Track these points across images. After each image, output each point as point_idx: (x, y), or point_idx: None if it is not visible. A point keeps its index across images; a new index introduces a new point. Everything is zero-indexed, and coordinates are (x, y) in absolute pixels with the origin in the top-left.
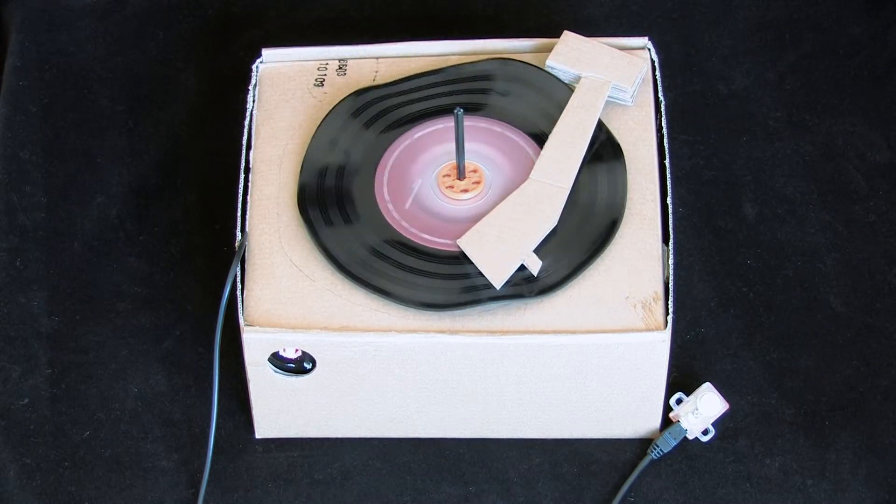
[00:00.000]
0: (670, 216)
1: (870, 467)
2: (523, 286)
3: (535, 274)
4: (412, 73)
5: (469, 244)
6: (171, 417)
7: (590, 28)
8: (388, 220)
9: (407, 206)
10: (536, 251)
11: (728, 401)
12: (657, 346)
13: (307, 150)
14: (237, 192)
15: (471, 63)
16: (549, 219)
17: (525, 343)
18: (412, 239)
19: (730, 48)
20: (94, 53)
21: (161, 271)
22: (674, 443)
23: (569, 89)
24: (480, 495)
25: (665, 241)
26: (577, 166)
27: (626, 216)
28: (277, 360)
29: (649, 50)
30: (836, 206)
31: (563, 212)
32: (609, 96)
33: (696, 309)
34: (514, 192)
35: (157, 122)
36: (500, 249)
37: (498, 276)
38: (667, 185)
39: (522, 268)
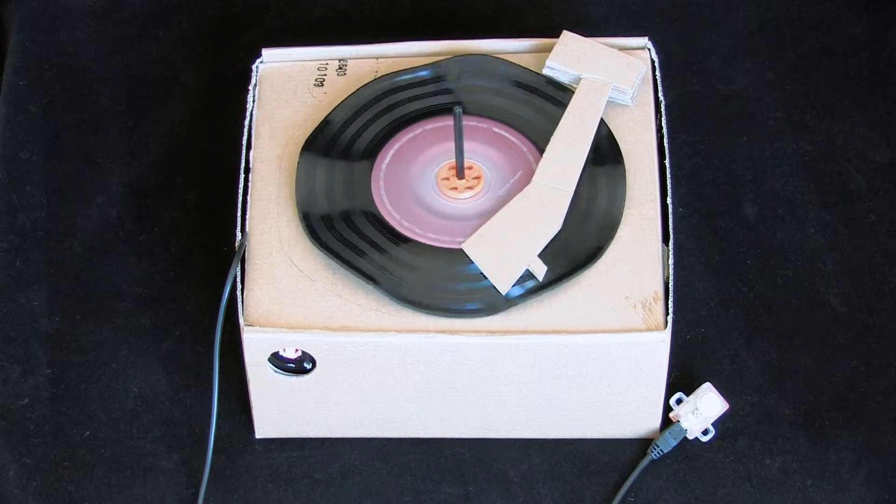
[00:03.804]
0: (670, 216)
1: (870, 467)
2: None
3: (539, 279)
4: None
5: (473, 249)
6: (171, 417)
7: (590, 28)
8: (385, 217)
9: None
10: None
11: (728, 401)
12: (657, 346)
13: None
14: (237, 192)
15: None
16: (553, 222)
17: (525, 343)
18: (411, 236)
19: (730, 48)
20: (94, 53)
21: (161, 271)
22: (674, 443)
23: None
24: (480, 495)
25: (665, 241)
26: (579, 169)
27: (626, 216)
28: (277, 360)
29: (649, 50)
30: (836, 206)
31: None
32: (609, 97)
33: (696, 309)
34: (518, 196)
35: (157, 122)
36: (504, 254)
37: (503, 281)
38: (667, 185)
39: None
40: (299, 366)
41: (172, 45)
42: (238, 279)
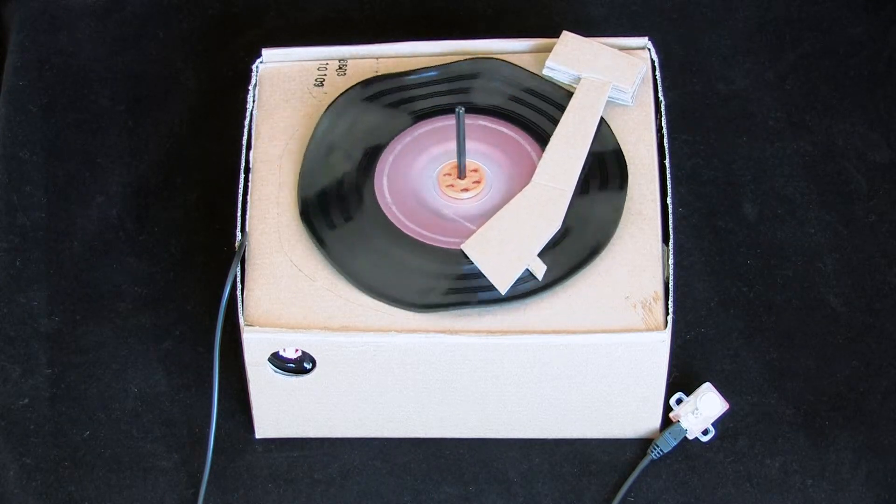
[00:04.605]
0: (670, 216)
1: (870, 467)
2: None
3: (539, 278)
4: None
5: (473, 249)
6: (171, 417)
7: (590, 28)
8: (388, 217)
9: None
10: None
11: (728, 401)
12: (657, 346)
13: (308, 146)
14: (237, 192)
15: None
16: (552, 222)
17: (525, 343)
18: (412, 236)
19: (730, 48)
20: (94, 53)
21: (161, 271)
22: (674, 443)
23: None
24: (480, 495)
25: (665, 241)
26: (579, 168)
27: (626, 216)
28: (277, 360)
29: (649, 50)
30: (836, 206)
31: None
32: (609, 96)
33: (696, 309)
34: (517, 196)
35: (157, 122)
36: (504, 254)
37: (503, 281)
38: (667, 185)
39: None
40: (299, 366)
41: (172, 45)
42: (238, 279)
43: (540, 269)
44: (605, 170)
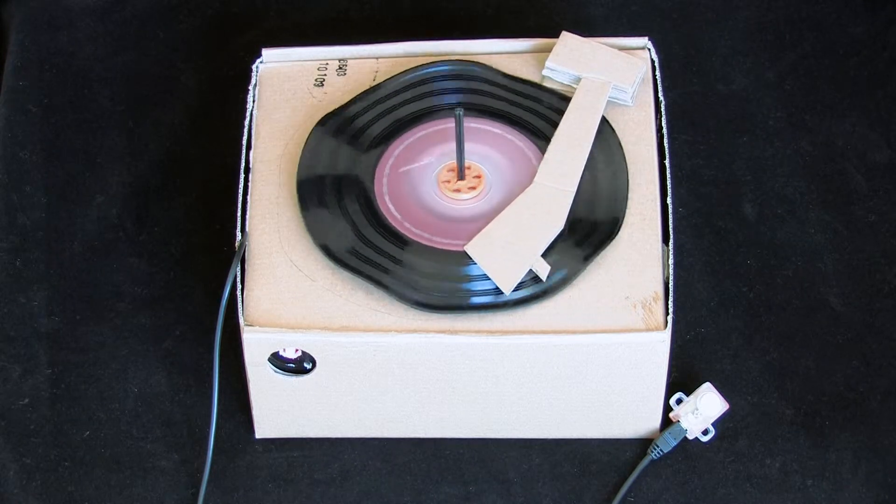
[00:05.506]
0: (670, 216)
1: (870, 467)
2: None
3: (543, 279)
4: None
5: (476, 250)
6: (171, 417)
7: (590, 28)
8: (384, 214)
9: (400, 170)
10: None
11: (728, 401)
12: (657, 346)
13: (303, 149)
14: (237, 192)
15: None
16: (555, 222)
17: (525, 343)
18: (407, 234)
19: (730, 48)
20: (94, 53)
21: (161, 271)
22: (674, 443)
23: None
24: (480, 495)
25: (665, 241)
26: (581, 168)
27: (626, 216)
28: (277, 360)
29: (649, 50)
30: (836, 206)
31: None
32: (609, 97)
33: (696, 309)
34: (520, 196)
35: (157, 122)
36: (507, 255)
37: (507, 282)
38: (667, 185)
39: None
40: (299, 366)
41: (172, 45)
42: (238, 279)
43: (543, 270)
44: (604, 170)
